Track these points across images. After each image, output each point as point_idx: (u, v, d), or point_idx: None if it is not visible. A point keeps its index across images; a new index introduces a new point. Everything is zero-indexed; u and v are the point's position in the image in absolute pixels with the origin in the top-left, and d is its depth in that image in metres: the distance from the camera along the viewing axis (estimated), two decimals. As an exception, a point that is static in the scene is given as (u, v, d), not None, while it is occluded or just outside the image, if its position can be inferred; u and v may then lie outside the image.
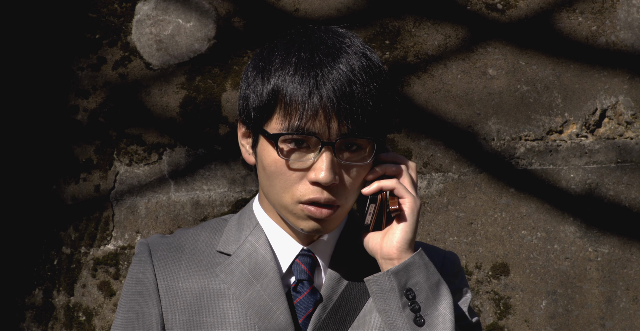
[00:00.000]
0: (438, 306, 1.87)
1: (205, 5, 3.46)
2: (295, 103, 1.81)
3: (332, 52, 1.85)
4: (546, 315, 3.37)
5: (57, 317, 3.44)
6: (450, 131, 3.41)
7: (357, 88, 1.82)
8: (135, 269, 1.97)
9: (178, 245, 1.98)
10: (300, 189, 1.84)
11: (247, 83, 1.91)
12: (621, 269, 3.39)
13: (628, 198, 3.40)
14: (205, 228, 2.02)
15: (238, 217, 2.03)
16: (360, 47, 1.88)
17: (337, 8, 3.44)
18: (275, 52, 1.89)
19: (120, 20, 3.48)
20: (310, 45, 1.86)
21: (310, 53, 1.85)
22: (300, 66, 1.83)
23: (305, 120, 1.80)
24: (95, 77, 3.47)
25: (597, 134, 3.42)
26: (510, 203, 3.40)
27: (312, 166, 1.83)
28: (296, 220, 1.87)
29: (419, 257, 1.88)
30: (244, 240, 1.97)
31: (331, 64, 1.83)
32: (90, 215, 3.45)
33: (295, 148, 1.84)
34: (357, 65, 1.85)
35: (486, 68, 3.43)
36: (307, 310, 1.92)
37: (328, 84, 1.81)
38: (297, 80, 1.82)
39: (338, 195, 1.85)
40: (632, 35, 3.42)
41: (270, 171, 1.86)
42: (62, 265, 3.45)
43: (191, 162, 3.44)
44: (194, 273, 1.95)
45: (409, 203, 1.89)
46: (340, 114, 1.80)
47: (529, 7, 3.43)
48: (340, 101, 1.80)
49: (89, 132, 3.45)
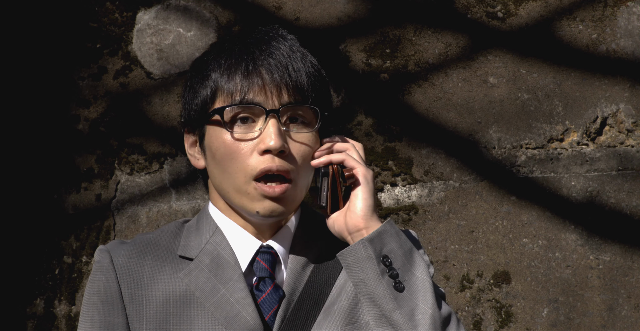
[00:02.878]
0: (414, 271, 1.88)
1: (205, 14, 3.47)
2: (235, 82, 1.85)
3: (265, 35, 1.92)
4: (548, 323, 3.37)
5: (59, 327, 3.44)
6: (451, 139, 3.41)
7: (294, 61, 1.88)
8: (97, 277, 1.92)
9: (139, 251, 1.95)
10: (251, 163, 1.85)
11: (186, 89, 1.95)
12: (623, 277, 3.38)
13: (629, 206, 3.39)
14: (165, 232, 2.00)
15: (196, 222, 2.01)
16: (293, 36, 1.95)
17: (337, 17, 3.45)
18: (210, 51, 1.95)
19: (121, 29, 3.48)
20: (243, 34, 1.93)
21: (243, 38, 1.91)
22: (235, 50, 1.89)
23: (246, 94, 1.84)
24: (96, 87, 3.47)
25: (598, 142, 3.43)
26: (512, 211, 3.40)
27: (259, 136, 1.85)
28: (251, 202, 1.87)
29: (389, 226, 1.89)
30: (205, 244, 1.95)
31: (266, 43, 1.90)
32: (91, 224, 3.45)
33: (240, 124, 1.86)
34: (292, 44, 1.92)
35: (487, 76, 3.44)
36: (272, 308, 1.91)
37: (265, 58, 1.87)
38: (234, 61, 1.87)
39: (290, 165, 1.86)
40: (632, 43, 3.42)
41: (220, 153, 1.87)
42: (63, 275, 3.45)
43: (192, 171, 3.43)
44: (157, 279, 1.92)
45: (362, 172, 1.90)
46: (281, 85, 1.85)
47: (530, 15, 3.43)
48: (279, 72, 1.86)
49: (90, 141, 3.45)
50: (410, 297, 1.85)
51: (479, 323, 3.37)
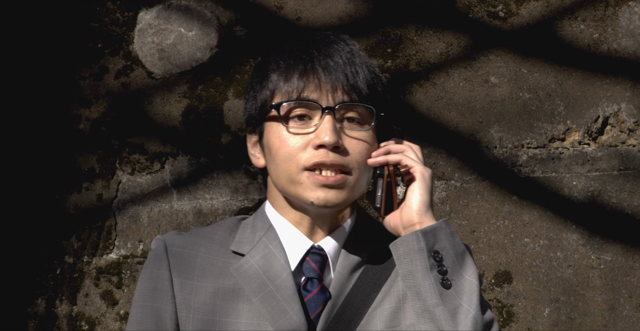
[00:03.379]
0: (464, 273, 1.88)
1: (207, 14, 3.47)
2: (293, 80, 1.89)
3: (326, 38, 1.95)
4: (549, 322, 3.37)
5: (60, 327, 3.44)
6: (452, 139, 3.41)
7: (352, 64, 1.91)
8: (150, 264, 1.97)
9: (194, 243, 1.99)
10: (305, 156, 1.88)
11: (248, 91, 1.99)
12: (624, 277, 3.38)
13: (631, 205, 3.39)
14: (221, 227, 2.04)
15: (252, 219, 2.04)
16: (355, 43, 1.98)
17: (339, 16, 3.45)
18: (271, 53, 1.98)
19: (123, 29, 3.48)
20: (305, 36, 1.96)
21: (303, 41, 1.95)
22: (295, 50, 1.92)
23: (303, 92, 1.87)
24: (98, 87, 3.47)
25: (600, 142, 3.42)
26: (513, 211, 3.40)
27: (314, 132, 1.88)
28: (304, 190, 1.89)
29: (445, 224, 1.90)
30: (258, 241, 1.98)
31: (326, 45, 1.93)
32: (92, 224, 3.45)
33: (297, 121, 1.89)
34: (352, 49, 1.95)
35: (488, 76, 3.43)
36: (317, 308, 1.93)
37: (323, 58, 1.89)
38: (292, 61, 1.90)
39: (344, 159, 1.89)
40: (634, 42, 3.42)
41: (276, 147, 1.90)
42: (64, 275, 3.45)
43: (193, 170, 3.44)
44: (208, 271, 1.95)
45: (419, 169, 1.92)
46: (337, 84, 1.88)
47: (531, 15, 3.43)
48: (337, 72, 1.88)
49: (91, 141, 3.45)
50: (456, 296, 1.85)
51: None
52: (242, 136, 3.43)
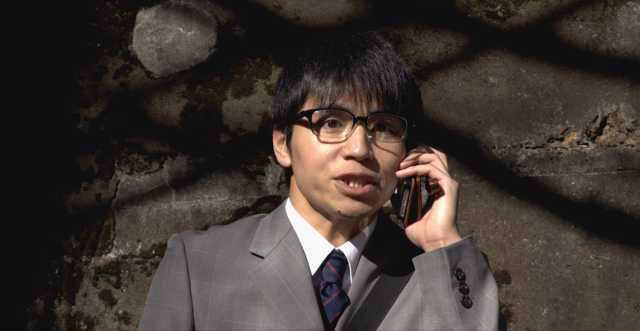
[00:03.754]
0: (484, 292, 1.87)
1: (206, 14, 3.47)
2: (326, 86, 1.87)
3: (361, 42, 1.92)
4: (548, 322, 3.37)
5: (59, 326, 3.44)
6: (451, 139, 3.41)
7: (387, 70, 1.88)
8: (167, 264, 1.96)
9: (212, 244, 1.98)
10: (334, 165, 1.87)
11: (279, 88, 1.97)
12: (622, 276, 3.38)
13: (629, 205, 3.39)
14: (239, 227, 2.02)
15: (271, 219, 2.03)
16: (389, 45, 1.95)
17: (337, 16, 3.45)
18: (305, 50, 1.96)
19: (121, 29, 3.48)
20: (340, 38, 1.94)
21: (339, 42, 1.92)
22: (329, 53, 1.90)
23: (336, 99, 1.86)
24: (96, 86, 3.47)
25: (598, 142, 3.42)
26: (512, 211, 3.40)
27: (345, 142, 1.87)
28: (332, 199, 1.89)
29: (470, 242, 1.89)
30: (278, 244, 1.97)
31: (361, 50, 1.90)
32: (91, 224, 3.45)
33: (328, 128, 1.88)
34: (387, 53, 1.92)
35: (487, 76, 3.43)
36: (335, 313, 1.93)
37: (358, 65, 1.87)
38: (327, 65, 1.88)
39: (373, 171, 1.87)
40: (632, 42, 3.42)
41: (305, 153, 1.89)
42: (63, 274, 3.45)
43: (192, 170, 3.44)
44: (227, 273, 1.95)
45: (447, 183, 1.91)
46: (371, 93, 1.86)
47: (530, 15, 3.43)
48: (371, 80, 1.86)
49: (90, 141, 3.45)
50: (475, 315, 1.85)
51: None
52: (240, 136, 3.43)
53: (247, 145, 3.42)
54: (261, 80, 3.44)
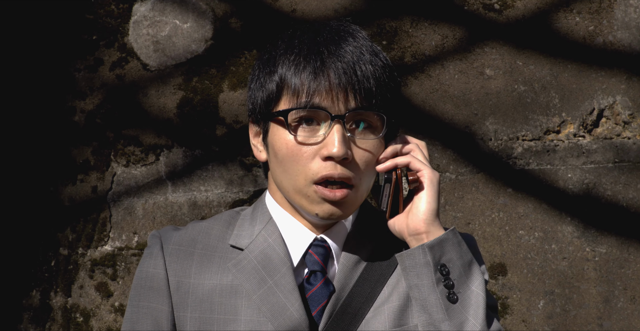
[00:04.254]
0: (470, 285, 1.85)
1: (202, 6, 3.46)
2: (302, 82, 1.82)
3: (335, 35, 1.88)
4: (544, 315, 3.37)
5: (55, 318, 3.44)
6: (447, 131, 3.41)
7: (363, 64, 1.84)
8: (146, 263, 1.93)
9: (190, 239, 1.95)
10: (313, 167, 1.83)
11: (253, 80, 1.92)
12: (619, 269, 3.38)
13: (625, 198, 3.40)
14: (218, 221, 1.99)
15: (251, 211, 2.00)
16: (364, 34, 1.91)
17: (334, 8, 3.44)
18: (278, 43, 1.91)
19: (117, 21, 3.48)
20: (314, 30, 1.89)
21: (313, 35, 1.88)
22: (304, 48, 1.85)
23: (312, 97, 1.81)
24: (93, 79, 3.47)
25: (595, 134, 3.42)
26: (508, 203, 3.40)
27: (323, 141, 1.83)
28: (310, 204, 1.86)
29: (452, 234, 1.86)
30: (257, 235, 1.94)
31: (336, 44, 1.85)
32: (87, 216, 3.44)
33: (305, 127, 1.84)
34: (362, 44, 1.87)
35: (483, 68, 3.43)
36: (320, 303, 1.90)
37: (333, 61, 1.83)
38: (302, 60, 1.84)
39: (352, 172, 1.84)
40: (629, 35, 3.42)
41: (282, 154, 1.86)
42: (59, 266, 3.45)
43: (188, 162, 3.44)
44: (206, 268, 1.92)
45: (427, 174, 1.88)
46: (348, 89, 1.81)
47: (526, 7, 3.43)
48: (347, 76, 1.81)
49: (86, 133, 3.45)
50: (462, 310, 1.83)
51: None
52: (237, 128, 3.43)
53: (243, 137, 3.42)
54: (257, 73, 3.43)
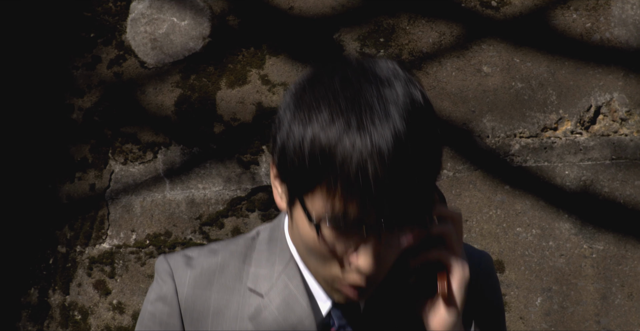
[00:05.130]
0: None
1: (200, 3, 3.46)
2: (342, 187, 1.54)
3: (379, 116, 1.54)
4: (541, 311, 3.37)
5: (53, 316, 3.44)
6: (444, 128, 3.41)
7: (407, 167, 1.55)
8: (159, 308, 1.76)
9: (206, 281, 1.76)
10: (340, 271, 1.64)
11: (286, 130, 1.60)
12: (616, 266, 3.39)
13: (623, 194, 3.40)
14: (233, 255, 1.79)
15: (267, 241, 1.79)
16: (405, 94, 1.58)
17: (331, 6, 3.44)
18: (318, 106, 1.58)
19: (115, 18, 3.48)
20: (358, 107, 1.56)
21: (357, 121, 1.54)
22: (349, 137, 1.54)
23: (352, 207, 1.55)
24: (90, 76, 3.47)
25: (592, 131, 3.43)
26: (505, 200, 3.41)
27: (353, 246, 1.60)
28: (330, 290, 1.69)
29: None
30: (277, 278, 1.74)
31: (380, 134, 1.53)
32: (85, 214, 3.45)
33: (337, 232, 1.59)
34: (405, 132, 1.55)
35: (481, 65, 3.43)
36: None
37: (377, 165, 1.52)
38: (346, 158, 1.53)
39: (378, 275, 1.65)
40: (626, 32, 3.42)
41: (307, 245, 1.64)
42: (57, 264, 3.45)
43: (186, 160, 3.44)
44: (222, 317, 1.75)
45: (457, 277, 1.69)
46: (390, 198, 1.55)
47: (524, 4, 3.43)
48: (391, 185, 1.54)
49: (84, 131, 3.45)
50: None
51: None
52: (234, 126, 3.43)
53: (241, 135, 3.42)
54: (255, 70, 3.44)
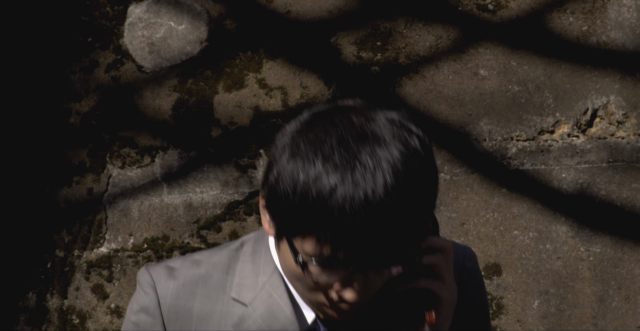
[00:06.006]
0: None
1: (197, 7, 3.47)
2: (331, 235, 1.55)
3: (372, 172, 1.55)
4: (538, 314, 3.37)
5: (51, 320, 3.45)
6: (442, 132, 3.42)
7: (396, 216, 1.55)
8: (142, 319, 1.76)
9: (189, 291, 1.76)
10: (325, 299, 1.65)
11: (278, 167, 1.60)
12: (613, 268, 3.39)
13: (620, 197, 3.40)
14: (216, 267, 1.79)
15: (252, 252, 1.78)
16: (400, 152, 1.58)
17: (328, 10, 3.45)
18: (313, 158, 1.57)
19: (113, 23, 3.49)
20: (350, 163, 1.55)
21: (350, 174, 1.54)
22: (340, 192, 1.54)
23: (340, 253, 1.56)
24: (88, 80, 3.47)
25: (589, 134, 3.43)
26: (503, 203, 3.41)
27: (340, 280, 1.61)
28: (315, 308, 1.71)
29: None
30: (261, 288, 1.74)
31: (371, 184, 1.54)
32: (83, 218, 3.45)
33: (324, 269, 1.59)
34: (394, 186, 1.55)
35: (478, 68, 3.44)
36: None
37: (365, 216, 1.53)
38: (335, 209, 1.53)
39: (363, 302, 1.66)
40: (622, 34, 3.42)
41: (293, 274, 1.65)
42: (55, 268, 3.46)
43: (184, 164, 3.44)
44: (206, 325, 1.75)
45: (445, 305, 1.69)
46: (377, 242, 1.55)
47: (520, 7, 3.43)
48: (379, 229, 1.55)
49: (81, 135, 3.46)
50: None
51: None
52: (232, 130, 3.43)
53: (239, 139, 3.42)
54: (252, 74, 3.44)
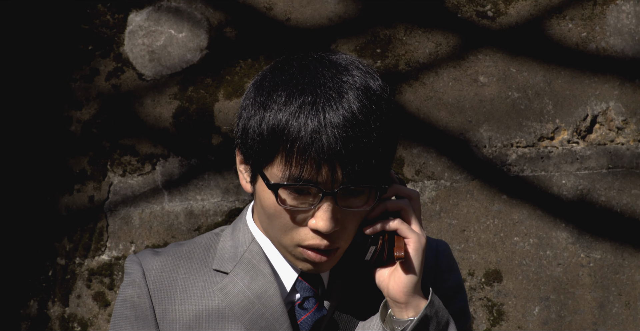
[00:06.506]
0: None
1: (197, 15, 3.48)
2: (297, 153, 1.72)
3: (334, 95, 1.74)
4: (539, 321, 3.38)
5: (52, 328, 3.45)
6: (442, 139, 3.42)
7: (359, 135, 1.72)
8: (129, 292, 1.88)
9: (172, 264, 1.90)
10: (300, 234, 1.78)
11: (247, 115, 1.80)
12: (613, 274, 3.39)
13: (620, 203, 3.40)
14: (199, 245, 1.94)
15: (231, 232, 1.94)
16: (362, 80, 1.77)
17: (328, 17, 3.45)
18: (277, 90, 1.77)
19: (113, 31, 3.49)
20: (313, 87, 1.75)
21: (312, 97, 1.74)
22: (303, 112, 1.73)
23: (306, 170, 1.72)
24: (89, 88, 3.48)
25: (589, 140, 3.43)
26: (503, 210, 3.41)
27: (312, 211, 1.76)
28: (294, 260, 1.82)
29: (430, 308, 1.81)
30: (241, 257, 1.89)
31: (333, 110, 1.73)
32: (84, 225, 3.46)
33: (296, 196, 1.75)
34: (358, 107, 1.74)
35: (477, 75, 3.44)
36: (313, 328, 1.86)
37: (330, 133, 1.71)
38: (300, 129, 1.72)
39: (338, 238, 1.79)
40: (621, 41, 3.43)
41: (269, 213, 1.80)
42: (56, 276, 3.46)
43: (184, 172, 3.45)
44: (190, 294, 1.88)
45: (413, 244, 1.81)
46: (343, 163, 1.72)
47: (519, 14, 3.44)
48: (343, 150, 1.71)
49: (82, 143, 3.46)
50: None
51: (472, 318, 3.38)
52: (232, 137, 3.44)
53: (239, 146, 3.43)
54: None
